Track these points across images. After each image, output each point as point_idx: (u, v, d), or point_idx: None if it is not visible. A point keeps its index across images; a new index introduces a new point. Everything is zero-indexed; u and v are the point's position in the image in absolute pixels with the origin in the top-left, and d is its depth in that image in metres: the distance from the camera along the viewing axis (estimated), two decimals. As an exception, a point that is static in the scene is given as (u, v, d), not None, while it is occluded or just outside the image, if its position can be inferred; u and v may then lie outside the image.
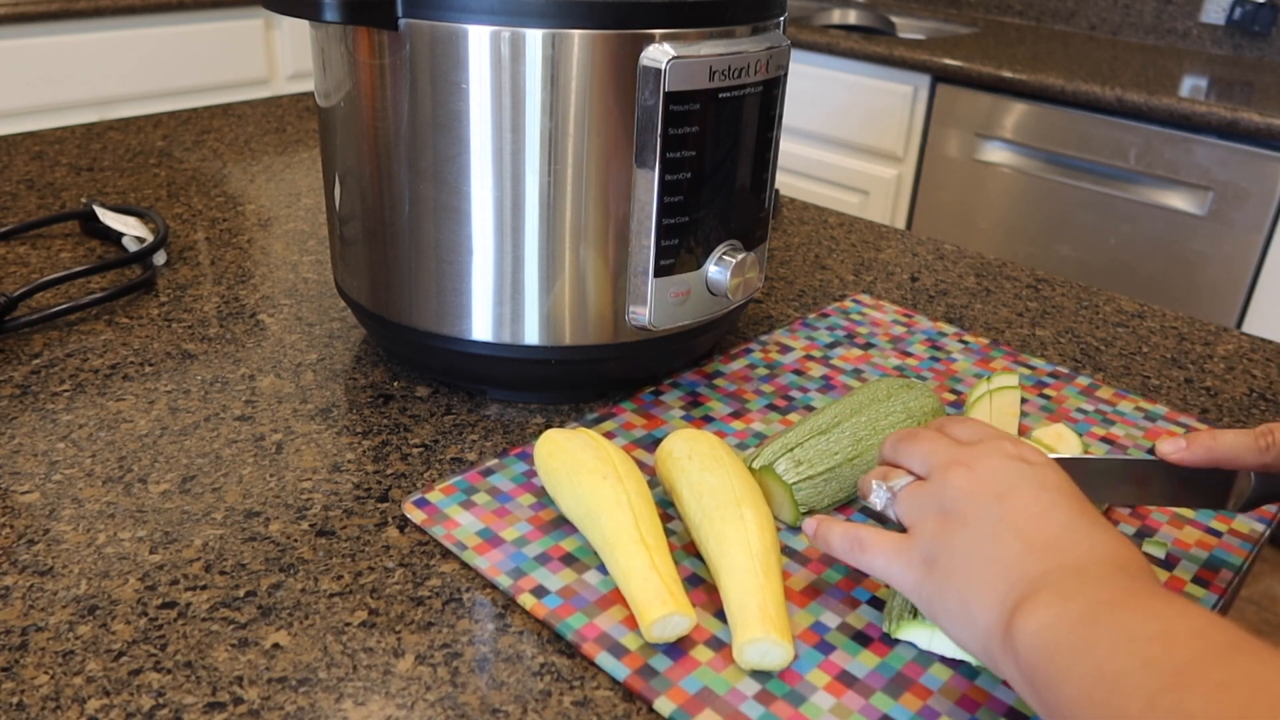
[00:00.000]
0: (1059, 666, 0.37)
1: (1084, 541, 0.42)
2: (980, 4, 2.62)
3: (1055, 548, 0.42)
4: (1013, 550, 0.42)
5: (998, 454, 0.46)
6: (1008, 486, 0.44)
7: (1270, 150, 1.72)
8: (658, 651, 0.48)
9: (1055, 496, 0.44)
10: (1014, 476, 0.45)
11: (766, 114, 0.65)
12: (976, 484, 0.45)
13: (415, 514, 0.57)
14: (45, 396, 0.68)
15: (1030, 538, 0.42)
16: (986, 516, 0.44)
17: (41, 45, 2.12)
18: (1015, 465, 0.45)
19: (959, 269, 0.99)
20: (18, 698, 0.45)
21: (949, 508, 0.45)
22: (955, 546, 0.44)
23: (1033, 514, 0.43)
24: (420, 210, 0.63)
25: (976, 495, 0.44)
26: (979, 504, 0.44)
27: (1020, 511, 0.43)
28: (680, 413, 0.69)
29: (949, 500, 0.45)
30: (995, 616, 0.41)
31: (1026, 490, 0.44)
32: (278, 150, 1.24)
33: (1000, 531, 0.43)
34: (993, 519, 0.43)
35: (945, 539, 0.44)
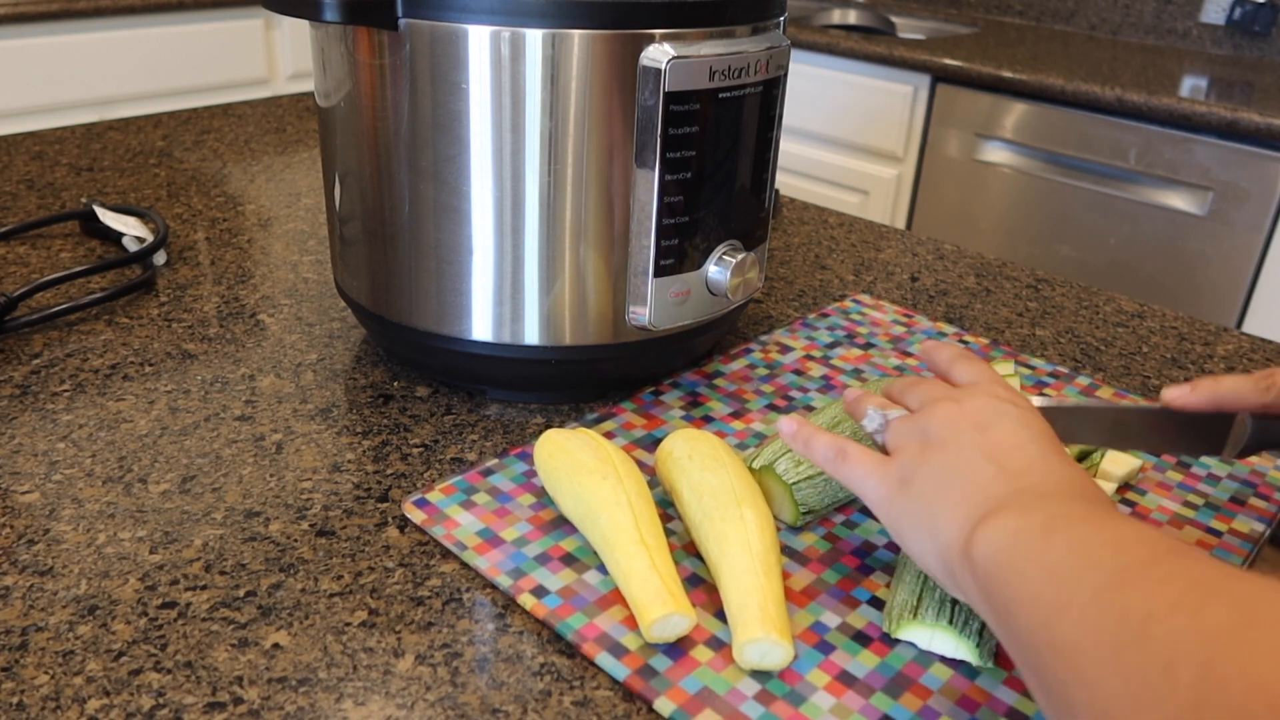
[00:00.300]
0: (1012, 570, 0.39)
1: (1054, 471, 0.44)
2: (980, 4, 2.62)
3: (1025, 474, 0.43)
4: (985, 473, 0.44)
5: (986, 394, 0.48)
6: (990, 421, 0.46)
7: (1270, 150, 1.72)
8: (658, 651, 0.48)
9: (1034, 434, 0.46)
10: (998, 413, 0.47)
11: (766, 114, 0.65)
12: (960, 416, 0.47)
13: (415, 514, 0.57)
14: (45, 396, 0.68)
15: (1003, 464, 0.44)
16: (965, 444, 0.45)
17: (41, 45, 2.12)
18: (1001, 405, 0.47)
19: (959, 269, 0.99)
20: (18, 698, 0.45)
21: (931, 435, 0.47)
22: (930, 468, 0.46)
23: (1009, 445, 0.45)
24: (420, 210, 0.63)
25: (958, 425, 0.46)
26: (959, 433, 0.46)
27: (998, 442, 0.45)
28: (680, 413, 0.69)
29: (932, 429, 0.47)
30: (958, 531, 0.42)
31: (1007, 425, 0.46)
32: (278, 150, 1.24)
33: (975, 457, 0.45)
34: (970, 445, 0.45)
35: (922, 461, 0.46)
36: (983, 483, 0.44)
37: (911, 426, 0.48)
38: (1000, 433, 0.46)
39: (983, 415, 0.47)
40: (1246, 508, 0.61)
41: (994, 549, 0.40)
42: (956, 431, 0.46)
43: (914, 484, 0.46)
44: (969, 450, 0.45)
